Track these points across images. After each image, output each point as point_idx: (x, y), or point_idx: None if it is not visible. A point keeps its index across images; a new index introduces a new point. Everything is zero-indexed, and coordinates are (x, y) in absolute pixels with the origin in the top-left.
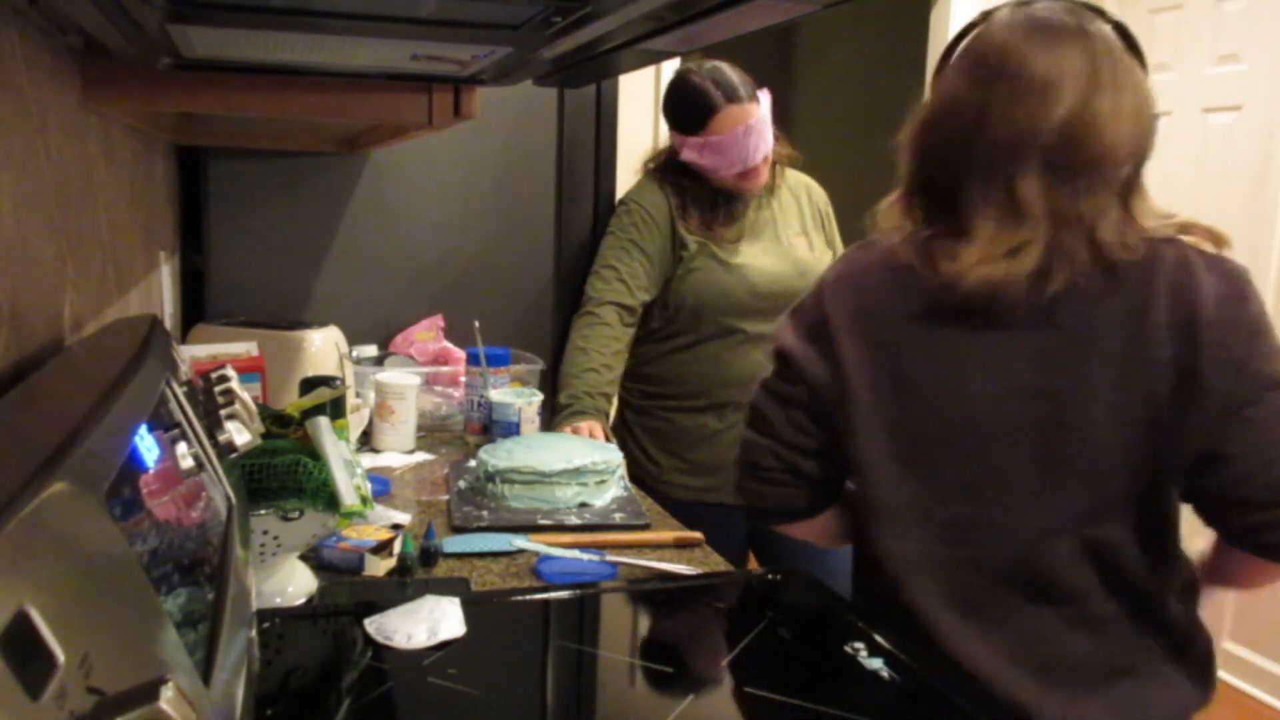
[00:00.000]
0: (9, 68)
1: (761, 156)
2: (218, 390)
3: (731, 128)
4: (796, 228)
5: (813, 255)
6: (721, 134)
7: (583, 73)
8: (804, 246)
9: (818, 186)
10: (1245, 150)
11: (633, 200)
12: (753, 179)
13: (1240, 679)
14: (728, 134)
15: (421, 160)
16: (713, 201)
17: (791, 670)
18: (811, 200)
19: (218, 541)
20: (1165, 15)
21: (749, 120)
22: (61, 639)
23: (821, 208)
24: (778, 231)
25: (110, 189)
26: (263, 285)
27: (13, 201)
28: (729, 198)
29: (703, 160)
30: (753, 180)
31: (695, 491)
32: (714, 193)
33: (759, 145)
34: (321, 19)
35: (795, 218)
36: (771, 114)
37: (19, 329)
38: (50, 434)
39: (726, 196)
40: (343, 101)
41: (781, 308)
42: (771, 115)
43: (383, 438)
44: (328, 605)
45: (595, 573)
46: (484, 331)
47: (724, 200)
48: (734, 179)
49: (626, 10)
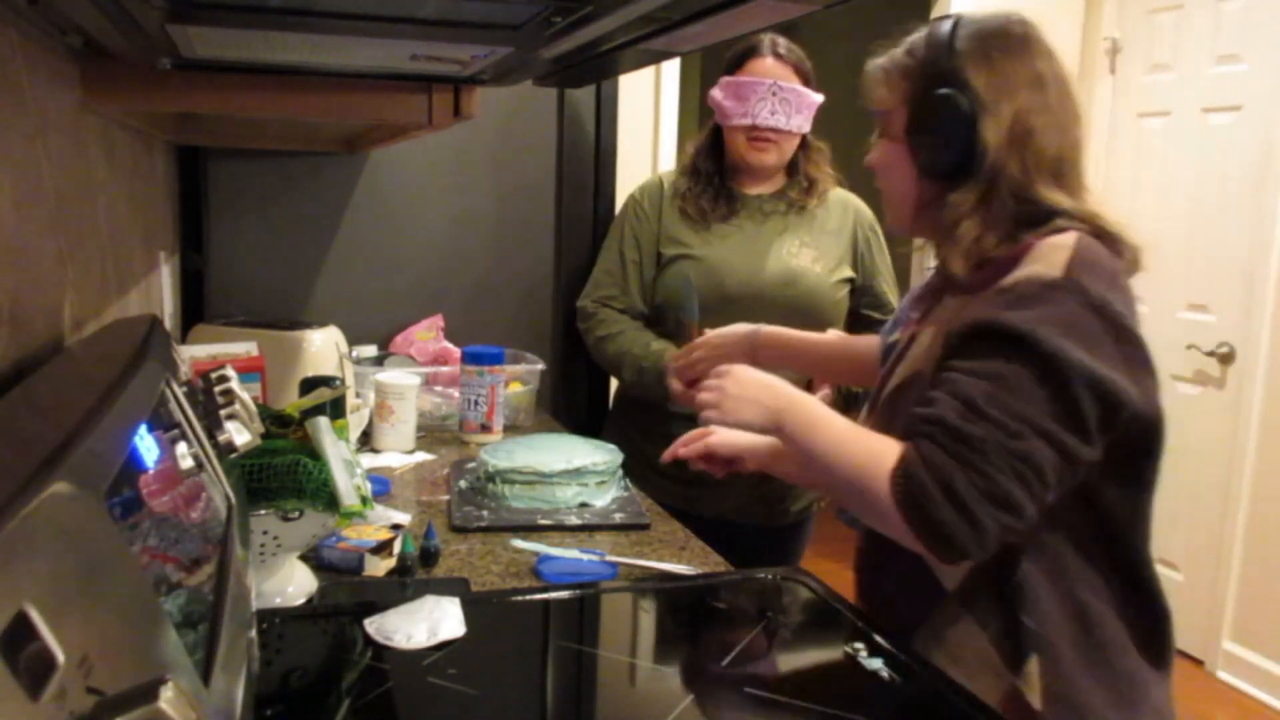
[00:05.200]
0: (9, 68)
1: (777, 126)
2: (218, 390)
3: (761, 76)
4: (809, 239)
5: (813, 269)
6: (750, 77)
7: (583, 73)
8: (808, 258)
9: (866, 210)
10: (1245, 150)
11: (631, 196)
12: (759, 148)
13: (1240, 679)
14: (755, 81)
15: (421, 160)
16: (718, 191)
17: (791, 670)
18: (851, 219)
19: (217, 541)
20: (1165, 15)
21: (780, 80)
22: (61, 639)
23: (864, 230)
24: (781, 238)
25: (110, 189)
26: (263, 285)
27: (13, 201)
28: (731, 196)
29: (724, 100)
30: (759, 150)
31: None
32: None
33: (778, 111)
34: (321, 19)
35: (817, 233)
36: (811, 123)
37: (19, 329)
38: (50, 434)
39: (729, 195)
40: (343, 101)
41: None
42: (810, 124)
43: (383, 438)
44: (328, 605)
45: (595, 573)
46: (483, 331)
47: (726, 196)
48: (744, 143)
49: (626, 10)
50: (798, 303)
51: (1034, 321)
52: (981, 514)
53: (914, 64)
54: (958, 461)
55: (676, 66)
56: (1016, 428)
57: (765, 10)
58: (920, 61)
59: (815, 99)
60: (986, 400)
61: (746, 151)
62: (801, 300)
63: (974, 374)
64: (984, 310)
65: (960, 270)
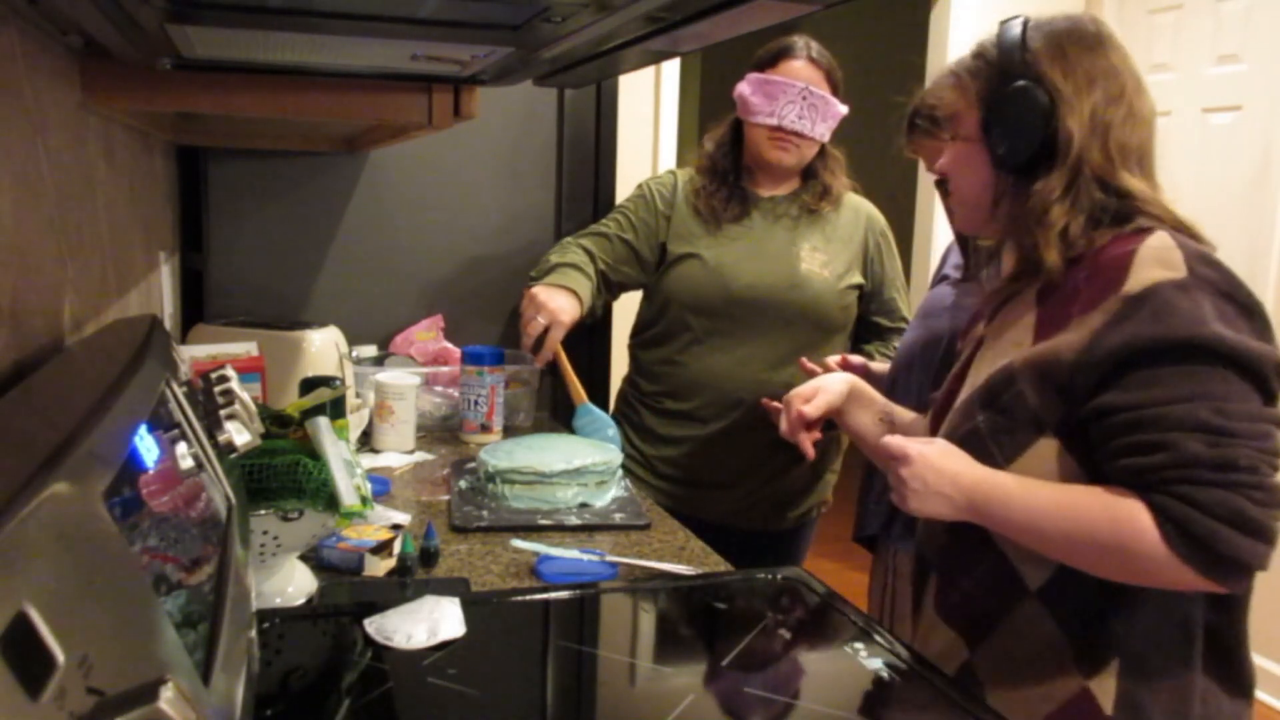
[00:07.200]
0: (9, 68)
1: (801, 131)
2: (218, 390)
3: (793, 78)
4: (819, 244)
5: (822, 274)
6: (781, 78)
7: (583, 73)
8: (817, 262)
9: (879, 216)
10: (1245, 150)
11: (645, 184)
12: (781, 148)
13: None
14: (787, 82)
15: (421, 160)
16: (731, 191)
17: (791, 670)
18: (862, 225)
19: (217, 541)
20: (1165, 15)
21: (811, 85)
22: (61, 639)
23: (875, 236)
24: (792, 241)
25: (110, 189)
26: (263, 285)
27: (13, 201)
28: (745, 197)
29: (751, 96)
30: (780, 150)
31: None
32: (737, 182)
33: (805, 116)
34: (321, 19)
35: (828, 238)
36: (829, 135)
37: (19, 329)
38: (50, 434)
39: (743, 195)
40: (343, 101)
41: (760, 315)
42: (831, 133)
43: (383, 438)
44: (328, 605)
45: (595, 573)
46: (483, 331)
47: (740, 197)
48: (765, 140)
49: (626, 10)
50: (804, 307)
51: (1201, 324)
52: (1273, 525)
53: (985, 65)
54: (1236, 490)
55: (676, 66)
56: (1259, 429)
57: (765, 10)
58: (992, 61)
59: (841, 109)
60: (1220, 417)
61: (767, 149)
62: (808, 305)
63: (1182, 399)
64: (1134, 328)
65: (1054, 261)
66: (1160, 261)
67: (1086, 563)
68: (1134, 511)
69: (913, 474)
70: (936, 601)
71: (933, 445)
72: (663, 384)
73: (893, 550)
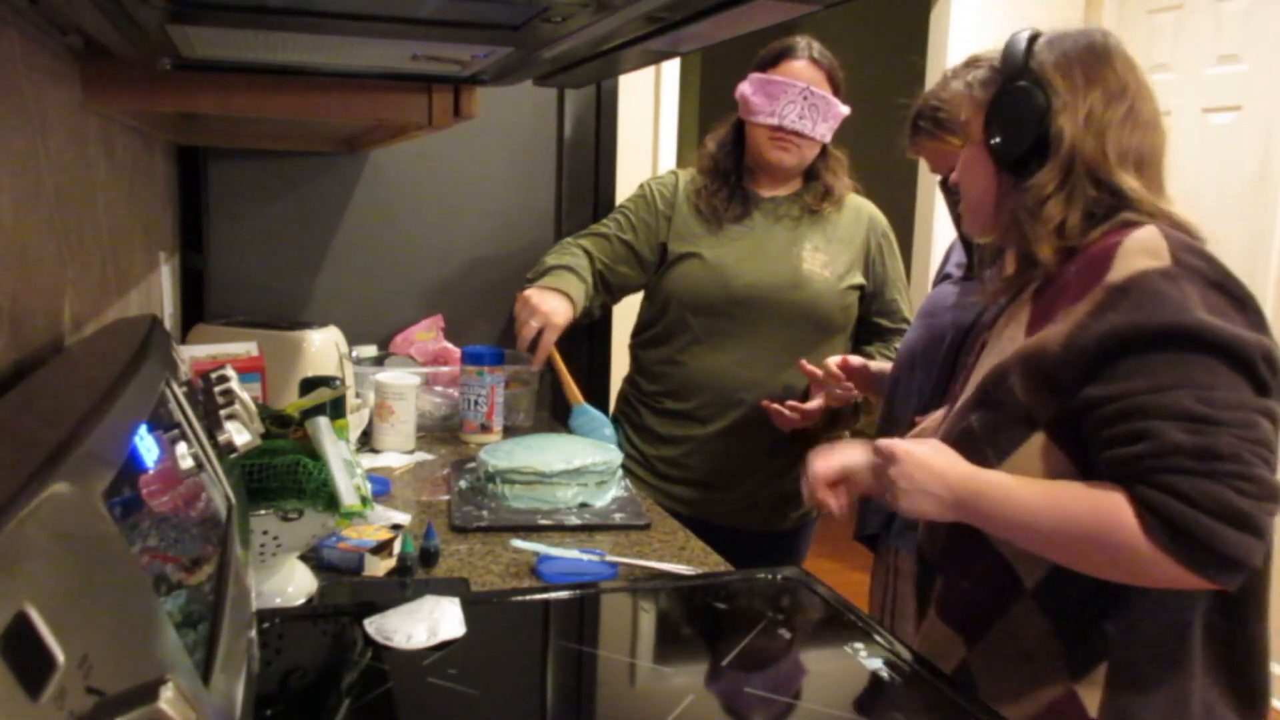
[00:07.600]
0: (9, 68)
1: (802, 131)
2: (217, 390)
3: (794, 78)
4: (820, 244)
5: (822, 274)
6: (783, 78)
7: (583, 73)
8: (818, 263)
9: (880, 217)
10: (1245, 150)
11: (647, 184)
12: (781, 148)
13: None
14: (788, 82)
15: (421, 160)
16: (733, 191)
17: (791, 670)
18: (864, 226)
19: (217, 541)
20: (1165, 15)
21: (812, 85)
22: (61, 639)
23: (876, 237)
24: (792, 242)
25: (110, 189)
26: (263, 285)
27: (13, 201)
28: (746, 197)
29: (752, 96)
30: (781, 149)
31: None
32: (738, 183)
33: (806, 116)
34: (321, 19)
35: (829, 238)
36: (830, 136)
37: (19, 329)
38: (50, 434)
39: (745, 195)
40: (343, 101)
41: (760, 315)
42: (832, 134)
43: (383, 438)
44: (328, 605)
45: (595, 573)
46: (483, 331)
47: (741, 197)
48: (765, 140)
49: (626, 10)
50: (804, 307)
51: (1185, 312)
52: (1261, 517)
53: (993, 74)
54: (1220, 480)
55: (676, 66)
56: (1244, 417)
57: (765, 10)
58: (998, 70)
59: (842, 110)
60: (1204, 405)
61: (767, 149)
62: (808, 305)
63: (1165, 388)
64: (1118, 317)
65: (1048, 257)
66: (1146, 251)
67: (1074, 559)
68: (1116, 503)
69: (900, 473)
70: (938, 601)
71: (922, 444)
72: (663, 384)
73: (894, 550)
